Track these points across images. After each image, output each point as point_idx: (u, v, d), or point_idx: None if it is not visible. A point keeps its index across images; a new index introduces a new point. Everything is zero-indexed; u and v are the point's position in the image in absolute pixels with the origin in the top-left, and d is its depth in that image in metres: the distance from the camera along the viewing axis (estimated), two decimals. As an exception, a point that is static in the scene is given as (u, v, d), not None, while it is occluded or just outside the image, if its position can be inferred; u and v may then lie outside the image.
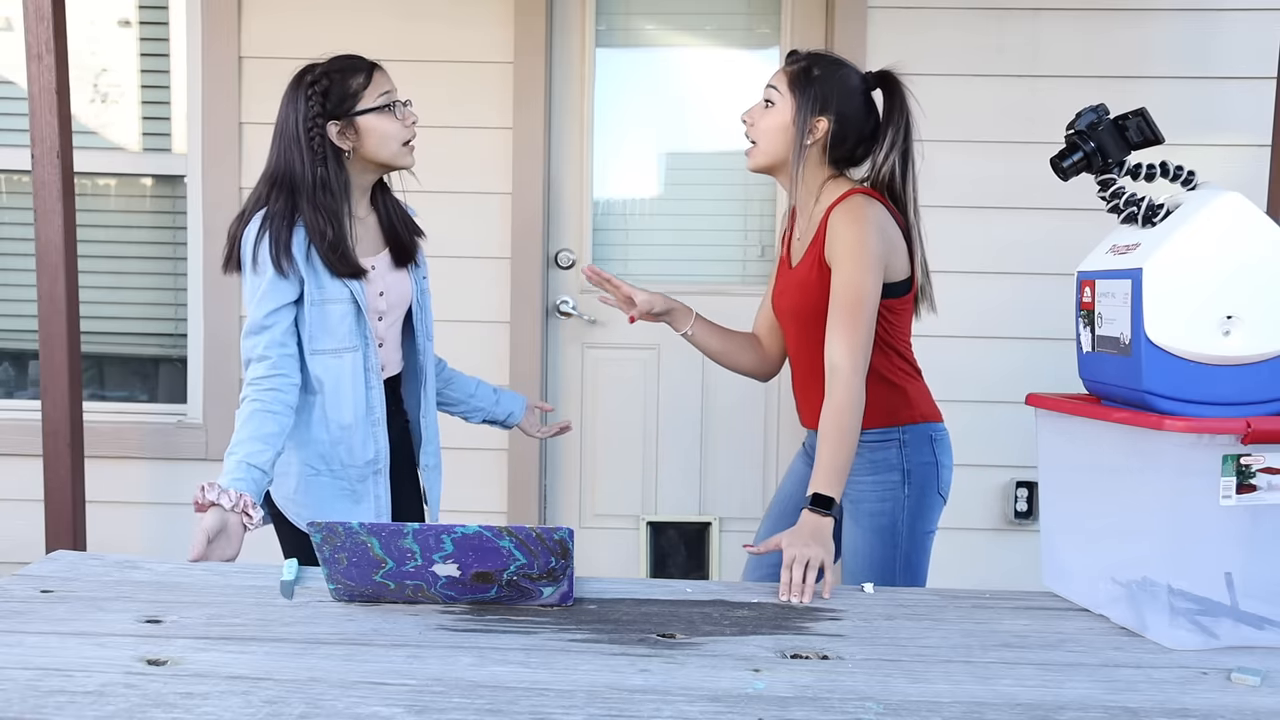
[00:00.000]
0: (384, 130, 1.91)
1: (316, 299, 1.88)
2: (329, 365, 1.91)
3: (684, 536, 3.33)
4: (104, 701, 1.12)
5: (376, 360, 1.96)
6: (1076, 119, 1.51)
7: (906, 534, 1.90)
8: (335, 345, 1.91)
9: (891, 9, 3.14)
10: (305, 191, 1.87)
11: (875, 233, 1.82)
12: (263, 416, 1.81)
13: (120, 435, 3.26)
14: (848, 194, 1.87)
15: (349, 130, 1.90)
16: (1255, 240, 1.36)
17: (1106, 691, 1.21)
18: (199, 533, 1.67)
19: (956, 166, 3.14)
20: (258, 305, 1.86)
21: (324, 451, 1.93)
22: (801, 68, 1.91)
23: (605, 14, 3.32)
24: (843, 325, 1.79)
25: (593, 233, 3.35)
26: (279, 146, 1.91)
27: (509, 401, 2.25)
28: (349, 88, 1.89)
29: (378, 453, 1.97)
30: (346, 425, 1.93)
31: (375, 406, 1.96)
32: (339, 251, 1.88)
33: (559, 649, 1.31)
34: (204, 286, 3.26)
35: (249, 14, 3.20)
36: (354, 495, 1.96)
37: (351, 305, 1.91)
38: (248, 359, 1.87)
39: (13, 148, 3.31)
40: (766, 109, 1.92)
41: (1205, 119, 3.12)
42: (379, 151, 1.92)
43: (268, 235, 1.85)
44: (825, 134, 1.89)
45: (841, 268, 1.81)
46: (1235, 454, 1.32)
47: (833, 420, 1.75)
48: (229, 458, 1.77)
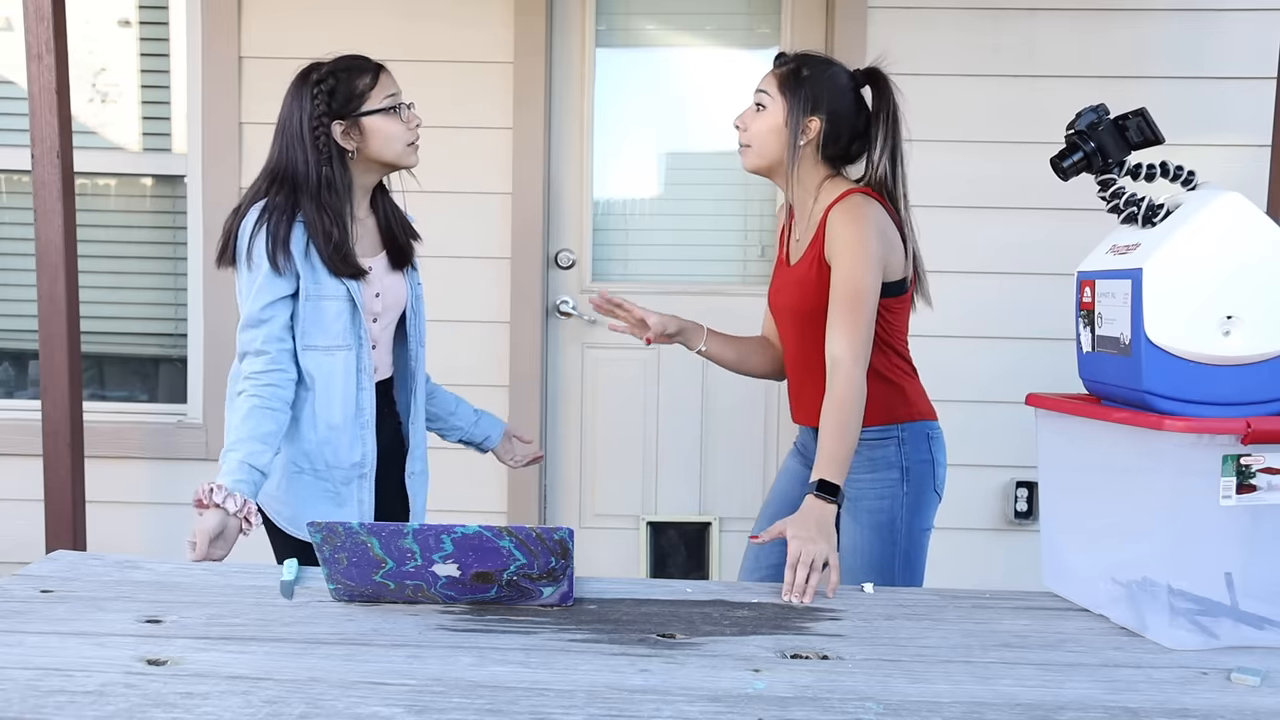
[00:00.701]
0: (389, 131, 1.91)
1: (312, 294, 1.87)
2: (321, 362, 1.90)
3: (684, 536, 3.33)
4: (104, 701, 1.12)
5: (370, 361, 1.94)
6: (1076, 119, 1.52)
7: (905, 531, 1.91)
8: (328, 343, 1.90)
9: (891, 9, 3.14)
10: (309, 190, 1.87)
11: (875, 232, 1.83)
12: (261, 414, 1.80)
13: (120, 435, 3.26)
14: (847, 193, 1.88)
15: (353, 130, 1.90)
16: (1255, 240, 1.36)
17: (1106, 691, 1.21)
18: (201, 533, 1.67)
19: (955, 166, 3.14)
20: (254, 298, 1.85)
21: (309, 450, 1.91)
22: (790, 69, 1.91)
23: (605, 14, 3.32)
24: (844, 320, 1.80)
25: (593, 233, 3.35)
26: (281, 143, 1.90)
27: (488, 425, 2.23)
28: (355, 88, 1.89)
29: (365, 456, 1.95)
30: (335, 425, 1.91)
31: (365, 408, 1.94)
32: (342, 252, 1.87)
33: (559, 649, 1.31)
34: (204, 286, 3.26)
35: (249, 14, 3.20)
36: (337, 497, 1.94)
37: (347, 303, 1.90)
38: (243, 352, 1.86)
39: (13, 148, 3.31)
40: (758, 112, 1.93)
41: (1205, 119, 3.12)
42: (383, 152, 1.92)
43: (265, 229, 1.84)
44: (818, 133, 1.90)
45: (841, 264, 1.82)
46: (1235, 454, 1.32)
47: (835, 411, 1.76)
48: (228, 455, 1.77)
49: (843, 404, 1.76)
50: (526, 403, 3.24)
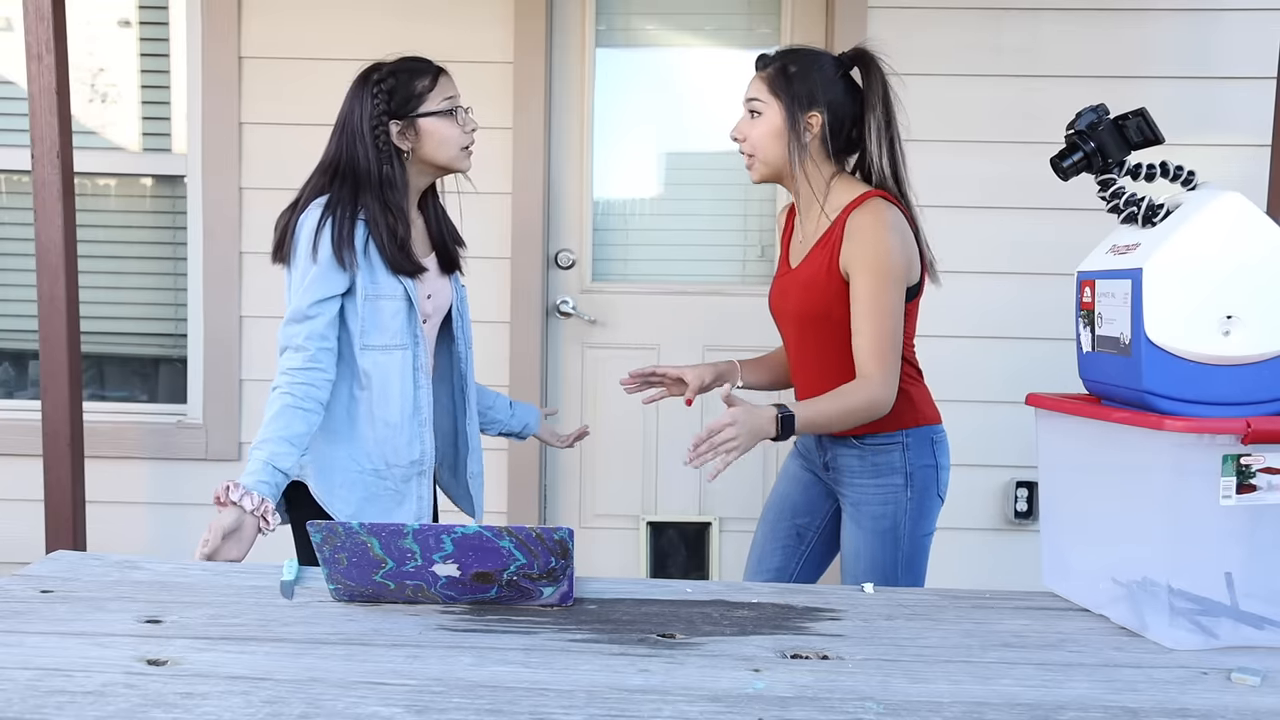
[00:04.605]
0: (444, 134, 1.92)
1: (370, 293, 1.87)
2: (379, 361, 1.90)
3: (684, 536, 3.33)
4: (104, 701, 1.12)
5: (426, 360, 1.96)
6: (1076, 119, 1.51)
7: (908, 536, 1.90)
8: (386, 342, 1.90)
9: (891, 9, 3.14)
10: (371, 187, 1.87)
11: (900, 242, 1.81)
12: (293, 414, 1.79)
13: (120, 435, 3.26)
14: (864, 197, 1.85)
15: (409, 130, 1.90)
16: (1255, 240, 1.36)
17: (1106, 691, 1.21)
18: (215, 528, 1.67)
19: (955, 166, 3.15)
20: (304, 293, 1.84)
21: (369, 449, 1.92)
22: (777, 69, 1.89)
23: (605, 14, 3.32)
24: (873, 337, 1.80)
25: (593, 233, 3.35)
26: (341, 140, 1.91)
27: (524, 414, 2.25)
28: (414, 89, 1.90)
29: (423, 453, 1.96)
30: (392, 424, 1.92)
31: (423, 406, 1.95)
32: (406, 249, 1.88)
33: (559, 649, 1.31)
34: (204, 286, 3.26)
35: (249, 14, 3.20)
36: (398, 495, 1.95)
37: (404, 302, 1.91)
38: (284, 346, 1.85)
39: (13, 148, 3.31)
40: (754, 120, 1.90)
41: (1205, 119, 3.12)
42: (437, 154, 1.92)
43: (330, 224, 1.84)
44: (821, 126, 1.87)
45: (866, 279, 1.80)
46: (1235, 454, 1.32)
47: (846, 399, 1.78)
48: (255, 453, 1.77)
49: (856, 402, 1.78)
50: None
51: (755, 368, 2.11)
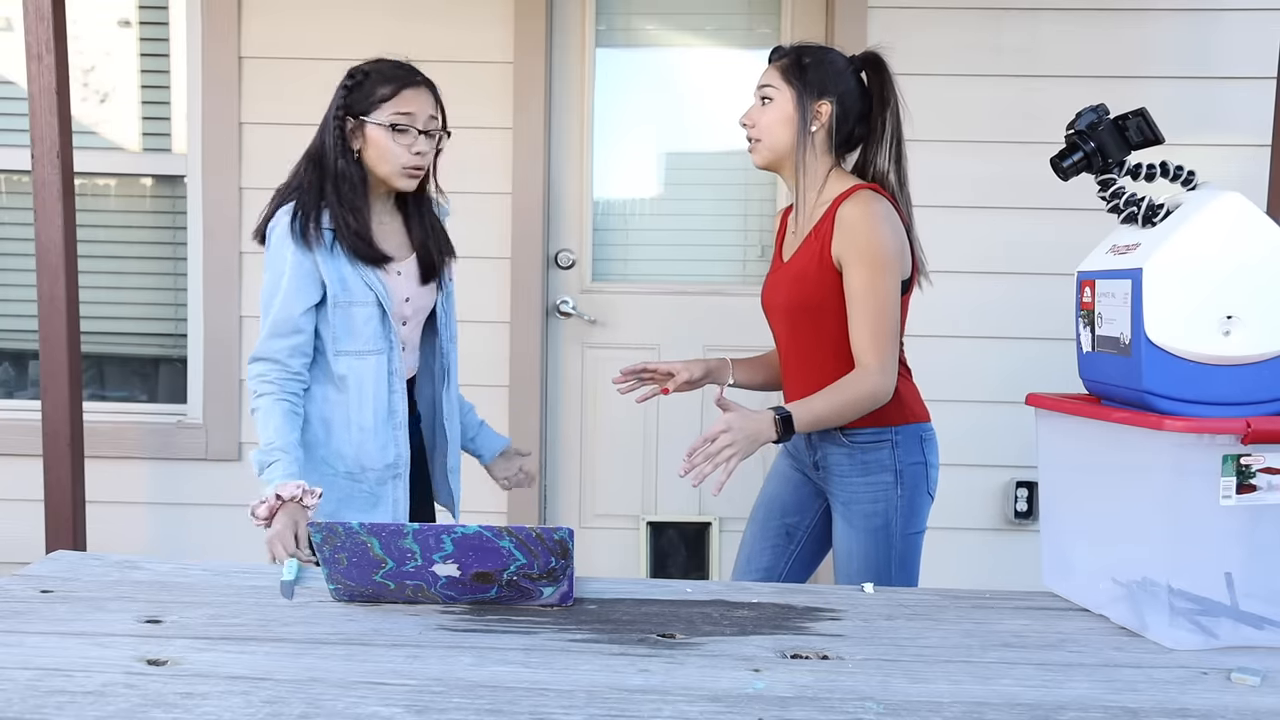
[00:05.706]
0: (385, 147, 1.90)
1: (342, 300, 1.89)
2: (353, 366, 1.92)
3: (684, 536, 3.33)
4: (104, 701, 1.12)
5: (401, 364, 1.96)
6: (1076, 119, 1.51)
7: (899, 534, 1.91)
8: (360, 347, 1.92)
9: (891, 9, 3.14)
10: (331, 178, 1.90)
11: (892, 234, 1.83)
12: (294, 419, 1.86)
13: (120, 435, 3.26)
14: (855, 189, 1.87)
15: (359, 132, 1.90)
16: (1255, 240, 1.36)
17: (1106, 691, 1.21)
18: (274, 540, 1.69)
19: (956, 166, 3.15)
20: (289, 302, 1.86)
21: (344, 452, 1.93)
22: (792, 59, 1.92)
23: (605, 14, 3.32)
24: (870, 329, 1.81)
25: (593, 233, 3.35)
26: (319, 129, 1.94)
27: (486, 440, 2.22)
28: (373, 93, 1.90)
29: (398, 457, 1.97)
30: (366, 428, 1.93)
31: (397, 410, 1.96)
32: (364, 238, 1.89)
33: (559, 649, 1.31)
34: (204, 286, 3.26)
35: (249, 14, 3.20)
36: (372, 498, 1.96)
37: (376, 309, 1.91)
38: (269, 358, 1.87)
39: (13, 148, 3.31)
40: (764, 106, 1.93)
41: (1205, 119, 3.12)
42: (376, 165, 1.92)
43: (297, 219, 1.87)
44: (829, 116, 1.90)
45: (861, 270, 1.82)
46: (1235, 454, 1.32)
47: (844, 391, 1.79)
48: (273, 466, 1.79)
49: (857, 393, 1.79)
50: (526, 403, 3.24)
51: (747, 367, 2.12)
